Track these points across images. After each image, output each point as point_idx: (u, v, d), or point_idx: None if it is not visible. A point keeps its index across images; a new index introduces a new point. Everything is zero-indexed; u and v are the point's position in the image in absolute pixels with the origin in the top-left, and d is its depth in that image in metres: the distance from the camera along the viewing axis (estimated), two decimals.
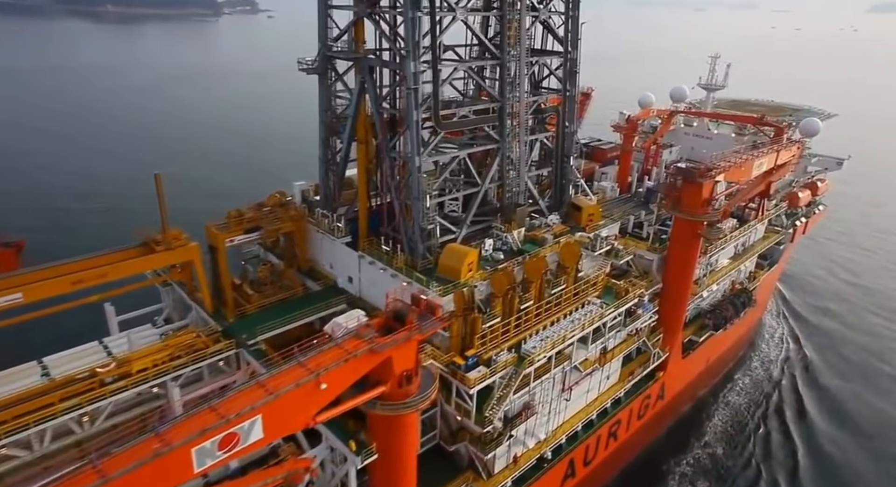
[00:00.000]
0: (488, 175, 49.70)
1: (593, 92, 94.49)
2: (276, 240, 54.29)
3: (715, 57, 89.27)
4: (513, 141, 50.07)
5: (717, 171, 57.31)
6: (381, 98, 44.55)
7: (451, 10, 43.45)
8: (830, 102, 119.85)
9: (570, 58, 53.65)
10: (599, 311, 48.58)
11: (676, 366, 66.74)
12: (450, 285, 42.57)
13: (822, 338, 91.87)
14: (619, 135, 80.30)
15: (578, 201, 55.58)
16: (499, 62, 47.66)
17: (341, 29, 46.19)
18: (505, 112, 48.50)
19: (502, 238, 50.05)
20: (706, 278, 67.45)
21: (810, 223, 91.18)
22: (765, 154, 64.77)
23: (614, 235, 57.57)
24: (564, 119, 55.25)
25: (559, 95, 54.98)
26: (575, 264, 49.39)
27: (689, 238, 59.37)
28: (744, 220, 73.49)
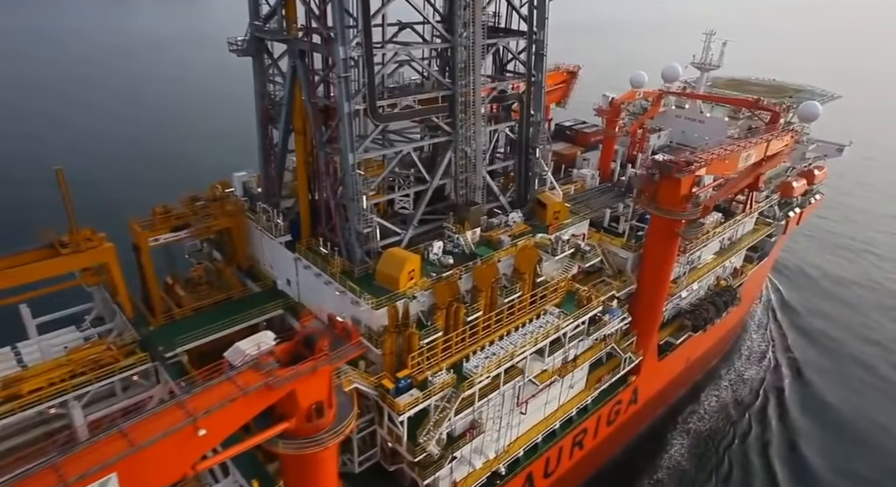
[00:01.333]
0: (438, 171, 45.15)
1: (580, 70, 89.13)
2: (221, 234, 50.27)
3: (710, 34, 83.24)
4: (467, 133, 45.36)
5: (697, 165, 52.54)
6: (314, 86, 39.80)
7: None
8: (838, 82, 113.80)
9: (537, 39, 48.47)
10: (556, 323, 44.51)
11: (651, 369, 62.99)
12: (384, 297, 38.46)
13: (811, 332, 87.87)
14: (602, 119, 75.06)
15: (544, 198, 51.02)
16: (449, 45, 42.67)
17: (271, 6, 41.20)
18: (457, 101, 43.70)
19: (454, 240, 45.74)
20: (686, 277, 63.12)
21: (805, 213, 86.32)
22: (752, 145, 59.77)
23: (582, 234, 53.08)
24: (529, 107, 50.25)
25: (523, 80, 49.89)
26: (531, 271, 45.22)
27: (666, 237, 55.02)
28: (730, 213, 68.79)
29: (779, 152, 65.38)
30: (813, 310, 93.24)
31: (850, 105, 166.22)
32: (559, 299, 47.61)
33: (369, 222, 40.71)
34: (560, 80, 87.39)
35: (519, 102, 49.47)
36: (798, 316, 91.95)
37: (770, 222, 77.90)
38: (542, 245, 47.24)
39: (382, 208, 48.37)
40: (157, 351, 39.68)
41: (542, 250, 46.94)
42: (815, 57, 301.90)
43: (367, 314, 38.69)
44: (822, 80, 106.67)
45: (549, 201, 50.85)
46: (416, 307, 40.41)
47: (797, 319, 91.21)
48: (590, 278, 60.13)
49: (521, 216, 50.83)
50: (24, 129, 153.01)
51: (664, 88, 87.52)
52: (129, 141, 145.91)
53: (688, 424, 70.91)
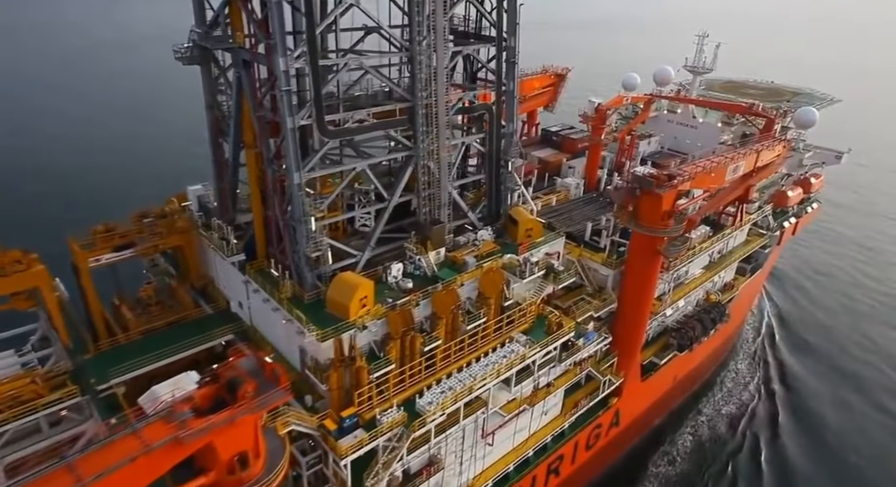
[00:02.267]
0: (398, 187, 42.20)
1: (569, 72, 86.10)
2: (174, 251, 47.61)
3: (702, 36, 79.89)
4: (430, 147, 42.39)
5: (680, 179, 49.47)
6: (259, 98, 36.89)
7: None
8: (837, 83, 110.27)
9: (507, 46, 45.40)
10: (522, 352, 41.59)
11: (634, 391, 60.02)
12: (330, 328, 35.59)
13: (807, 346, 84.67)
14: (587, 126, 71.89)
15: (516, 214, 48.00)
16: (408, 54, 39.67)
17: (216, 11, 38.26)
18: (418, 113, 40.71)
19: (415, 261, 42.84)
20: (670, 295, 60.05)
21: (801, 223, 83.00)
22: (741, 156, 56.58)
23: (557, 252, 50.05)
24: (500, 118, 47.23)
25: (493, 90, 46.86)
26: (497, 296, 42.30)
27: (647, 254, 52.04)
28: (719, 226, 65.65)
29: (771, 163, 62.16)
30: (810, 322, 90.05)
31: (855, 107, 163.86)
32: (528, 324, 44.67)
33: (319, 246, 37.82)
34: (547, 83, 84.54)
35: (488, 113, 46.38)
36: (793, 328, 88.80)
37: (763, 233, 74.66)
38: (510, 267, 44.28)
39: (342, 226, 45.49)
40: (89, 383, 36.95)
41: (509, 272, 44.01)
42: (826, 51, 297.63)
43: (313, 346, 35.86)
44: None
45: (520, 217, 47.84)
46: (367, 336, 37.58)
47: (792, 332, 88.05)
48: (570, 296, 57.38)
49: (491, 234, 47.89)
50: None
51: (655, 92, 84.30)
52: (99, 146, 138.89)
53: (675, 444, 68.06)
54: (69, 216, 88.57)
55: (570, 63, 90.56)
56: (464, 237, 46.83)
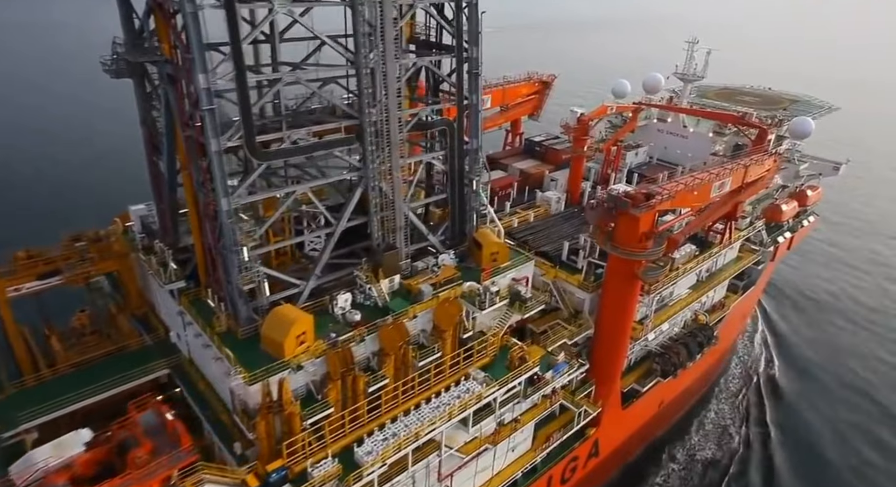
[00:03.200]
0: (346, 211, 38.86)
1: (555, 80, 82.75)
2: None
3: (693, 42, 76.32)
4: (382, 167, 39.11)
5: (659, 198, 46.02)
6: (185, 116, 33.64)
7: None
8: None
9: (469, 57, 42.05)
10: (478, 391, 38.16)
11: (614, 419, 56.53)
12: (260, 369, 32.30)
13: (803, 364, 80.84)
14: (569, 137, 68.43)
15: (480, 237, 44.62)
16: (354, 66, 36.36)
17: (140, 20, 35.07)
18: (366, 131, 37.40)
19: (365, 291, 39.54)
20: (653, 319, 56.50)
21: (798, 237, 79.33)
22: (727, 172, 53.04)
23: (525, 278, 46.61)
24: (463, 134, 43.88)
25: (455, 103, 43.49)
26: (453, 329, 38.93)
27: (625, 278, 48.59)
28: (707, 244, 62.08)
29: (761, 178, 58.57)
30: (807, 339, 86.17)
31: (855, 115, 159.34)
32: (489, 358, 41.29)
33: (253, 277, 34.52)
34: (532, 90, 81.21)
35: (449, 129, 43.01)
36: (790, 346, 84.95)
37: (756, 249, 70.97)
38: (470, 296, 40.88)
39: (291, 250, 42.21)
40: None
41: (468, 302, 40.63)
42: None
43: (241, 389, 32.61)
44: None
45: (485, 240, 44.48)
46: (305, 377, 34.28)
47: (788, 349, 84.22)
48: (547, 319, 54.07)
49: (453, 258, 44.61)
50: None
51: (645, 100, 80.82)
52: (51, 158, 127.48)
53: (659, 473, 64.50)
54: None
55: (561, 68, 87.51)
56: (423, 263, 43.51)
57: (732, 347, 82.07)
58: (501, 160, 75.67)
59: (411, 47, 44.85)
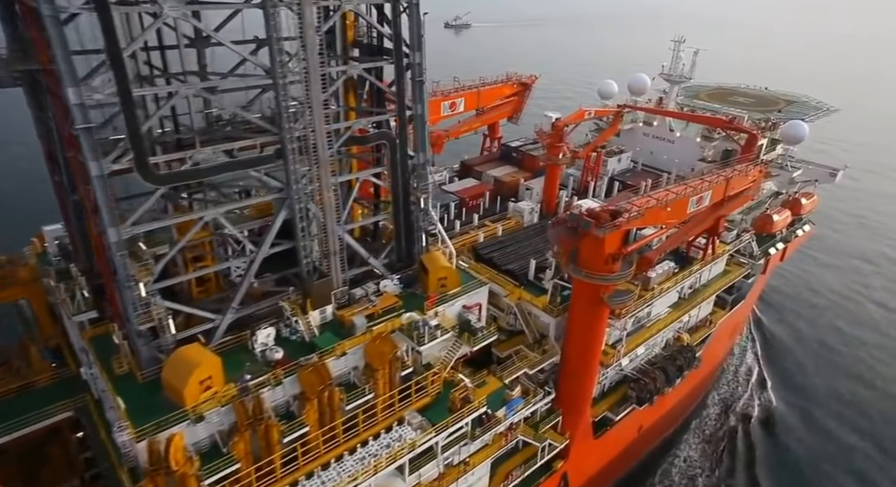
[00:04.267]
0: (268, 237, 34.86)
1: (535, 81, 78.39)
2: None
3: (679, 41, 71.82)
4: (309, 186, 35.11)
5: (626, 217, 41.82)
6: (66, 134, 29.63)
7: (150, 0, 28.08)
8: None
9: (411, 63, 37.90)
10: (411, 439, 34.18)
11: (585, 450, 52.58)
12: (149, 424, 28.43)
13: (798, 387, 76.40)
14: (542, 145, 64.10)
15: (427, 260, 40.53)
16: (269, 78, 32.26)
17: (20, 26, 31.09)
18: (287, 148, 33.38)
19: (291, 324, 35.61)
20: (625, 343, 52.32)
21: (791, 248, 74.83)
22: (706, 186, 48.73)
23: (478, 304, 42.53)
24: (406, 148, 39.77)
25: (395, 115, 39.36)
26: (387, 366, 34.92)
27: (591, 303, 44.50)
28: (688, 260, 57.80)
29: (745, 190, 54.19)
30: (803, 356, 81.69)
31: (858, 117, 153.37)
32: (431, 397, 37.29)
33: (151, 315, 30.61)
34: (511, 92, 76.88)
35: (389, 143, 38.91)
36: (783, 362, 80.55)
37: (745, 262, 66.55)
38: (409, 329, 36.84)
39: (214, 278, 38.16)
40: None
41: (406, 335, 36.61)
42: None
43: (130, 445, 28.76)
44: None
45: (432, 264, 40.41)
46: (209, 428, 30.40)
47: (782, 365, 79.82)
48: (514, 342, 50.22)
49: (397, 284, 40.60)
50: None
51: (630, 102, 76.49)
52: None
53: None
54: None
55: (553, 66, 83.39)
56: (362, 289, 39.48)
57: (723, 362, 77.77)
58: (476, 167, 71.60)
59: (355, 52, 40.80)
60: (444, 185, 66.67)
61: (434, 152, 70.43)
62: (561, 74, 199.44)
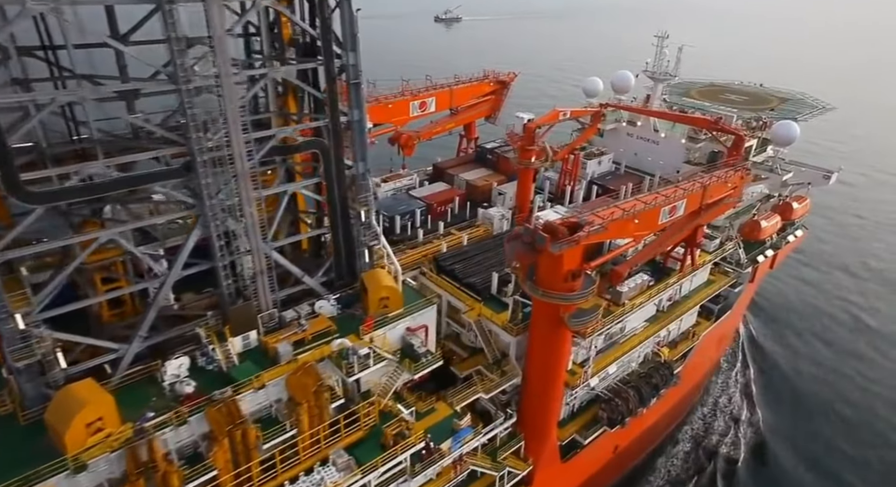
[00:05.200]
0: (179, 258, 31.63)
1: (514, 79, 74.75)
2: None
3: (662, 37, 67.96)
4: (227, 202, 31.86)
5: (587, 231, 38.40)
6: None
7: None
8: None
9: (345, 64, 34.50)
10: (334, 481, 30.95)
11: (552, 476, 49.24)
12: (15, 479, 25.22)
13: (790, 407, 72.74)
14: (513, 149, 60.46)
15: (368, 279, 37.22)
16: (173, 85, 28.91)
17: None
18: (197, 161, 30.10)
19: (207, 353, 32.43)
20: (593, 364, 48.92)
21: (782, 255, 71.11)
22: (680, 195, 45.17)
23: (423, 327, 39.18)
24: (342, 157, 36.42)
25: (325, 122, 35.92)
26: (311, 399, 31.69)
27: (552, 323, 41.16)
28: (665, 272, 54.29)
29: (727, 196, 50.57)
30: (797, 367, 77.94)
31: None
32: (364, 431, 34.05)
33: (34, 350, 27.45)
34: (487, 90, 73.25)
35: (322, 153, 35.56)
36: (774, 373, 76.85)
37: (731, 270, 62.92)
38: (339, 357, 33.58)
39: (130, 300, 34.95)
40: None
41: (335, 365, 33.37)
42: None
43: None
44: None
45: (372, 283, 37.10)
46: (94, 478, 27.23)
47: (771, 378, 76.15)
48: (473, 361, 47.06)
49: (334, 305, 37.36)
50: None
51: (613, 101, 72.83)
52: None
53: None
54: None
55: (543, 58, 79.45)
56: (294, 312, 36.27)
57: (711, 373, 74.15)
58: (448, 170, 68.11)
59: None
60: (412, 189, 63.19)
61: (405, 155, 67.22)
62: (551, 70, 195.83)
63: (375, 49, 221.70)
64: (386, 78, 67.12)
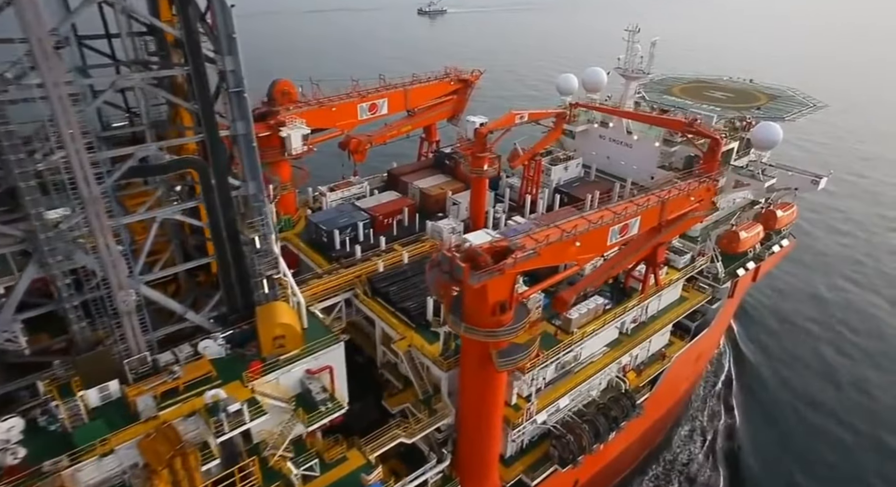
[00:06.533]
0: (10, 300, 26.92)
1: (478, 78, 69.64)
2: None
3: (633, 30, 62.51)
4: (76, 233, 27.12)
5: (516, 257, 33.42)
6: None
7: None
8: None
9: (226, 70, 29.57)
10: None
11: None
12: None
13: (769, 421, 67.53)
14: (464, 158, 55.26)
15: (263, 314, 32.45)
16: None
17: None
18: (21, 187, 25.34)
19: (50, 410, 27.76)
20: (542, 396, 44.00)
21: (767, 267, 65.74)
22: (633, 212, 39.97)
23: (327, 368, 34.27)
24: (224, 176, 31.53)
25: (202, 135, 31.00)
26: (168, 466, 26.96)
27: (481, 361, 36.26)
28: (627, 293, 49.18)
29: (691, 210, 45.32)
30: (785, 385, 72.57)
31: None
32: None
33: None
34: (449, 90, 68.18)
35: (198, 172, 30.68)
36: (759, 396, 71.54)
37: (706, 287, 57.69)
38: (209, 413, 28.80)
39: None
40: None
41: (203, 424, 28.59)
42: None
43: None
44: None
45: (265, 319, 32.35)
46: None
47: (756, 400, 70.85)
48: (406, 396, 42.42)
49: (222, 344, 32.62)
50: None
51: (584, 101, 67.63)
52: None
53: None
54: None
55: (528, 53, 74.23)
56: (172, 354, 31.54)
57: (689, 394, 69.00)
58: (402, 177, 63.09)
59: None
60: (357, 200, 58.28)
61: (355, 161, 62.32)
62: (536, 65, 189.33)
63: (348, 45, 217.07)
64: (365, 77, 62.20)
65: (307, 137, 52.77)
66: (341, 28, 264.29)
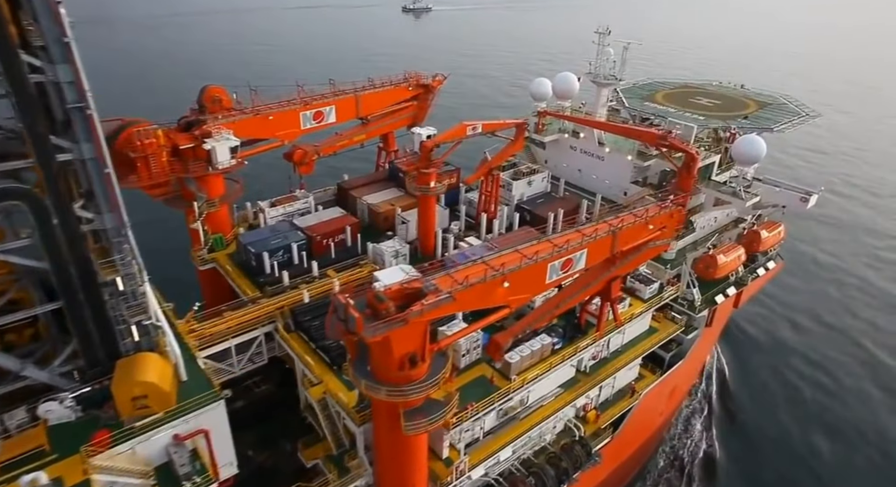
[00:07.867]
0: None
1: (441, 84, 64.42)
2: None
3: (603, 33, 57.05)
4: None
5: (421, 307, 28.18)
6: None
7: None
8: None
9: (61, 81, 24.49)
10: None
11: None
12: None
13: None
14: (407, 177, 49.98)
15: (122, 368, 27.41)
16: None
17: None
18: None
19: None
20: (476, 450, 38.75)
21: (749, 292, 60.05)
22: (577, 245, 34.56)
23: (202, 432, 29.12)
24: (68, 209, 26.43)
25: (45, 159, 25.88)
26: None
27: (392, 420, 31.10)
28: (583, 330, 43.84)
29: (651, 239, 39.79)
30: None
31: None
32: None
33: None
34: (407, 96, 62.97)
35: (29, 205, 25.57)
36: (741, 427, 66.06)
37: (679, 317, 52.21)
38: None
39: None
40: None
41: None
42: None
43: None
44: None
45: (123, 376, 27.32)
46: None
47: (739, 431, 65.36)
48: (325, 446, 37.42)
49: (70, 405, 27.60)
50: None
51: (554, 109, 62.31)
52: None
53: None
54: None
55: (512, 52, 69.12)
56: (14, 419, 26.55)
57: (662, 429, 63.52)
58: (352, 191, 57.93)
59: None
60: (294, 217, 53.16)
61: (302, 172, 57.19)
62: (522, 67, 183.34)
63: (319, 46, 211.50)
64: (344, 78, 57.53)
65: (236, 149, 47.83)
66: (329, 26, 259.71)
